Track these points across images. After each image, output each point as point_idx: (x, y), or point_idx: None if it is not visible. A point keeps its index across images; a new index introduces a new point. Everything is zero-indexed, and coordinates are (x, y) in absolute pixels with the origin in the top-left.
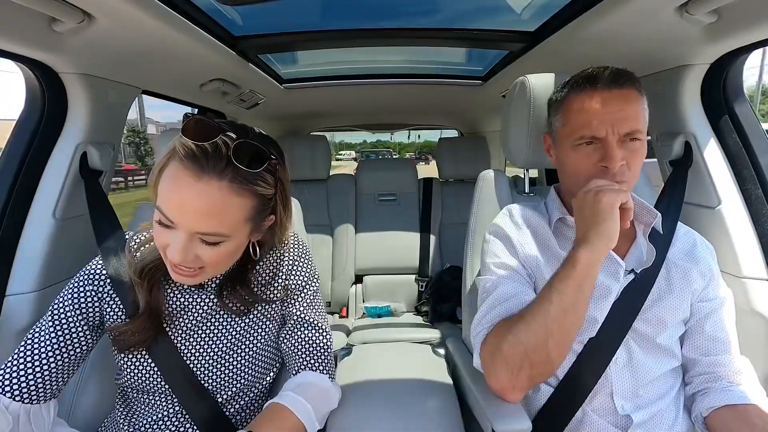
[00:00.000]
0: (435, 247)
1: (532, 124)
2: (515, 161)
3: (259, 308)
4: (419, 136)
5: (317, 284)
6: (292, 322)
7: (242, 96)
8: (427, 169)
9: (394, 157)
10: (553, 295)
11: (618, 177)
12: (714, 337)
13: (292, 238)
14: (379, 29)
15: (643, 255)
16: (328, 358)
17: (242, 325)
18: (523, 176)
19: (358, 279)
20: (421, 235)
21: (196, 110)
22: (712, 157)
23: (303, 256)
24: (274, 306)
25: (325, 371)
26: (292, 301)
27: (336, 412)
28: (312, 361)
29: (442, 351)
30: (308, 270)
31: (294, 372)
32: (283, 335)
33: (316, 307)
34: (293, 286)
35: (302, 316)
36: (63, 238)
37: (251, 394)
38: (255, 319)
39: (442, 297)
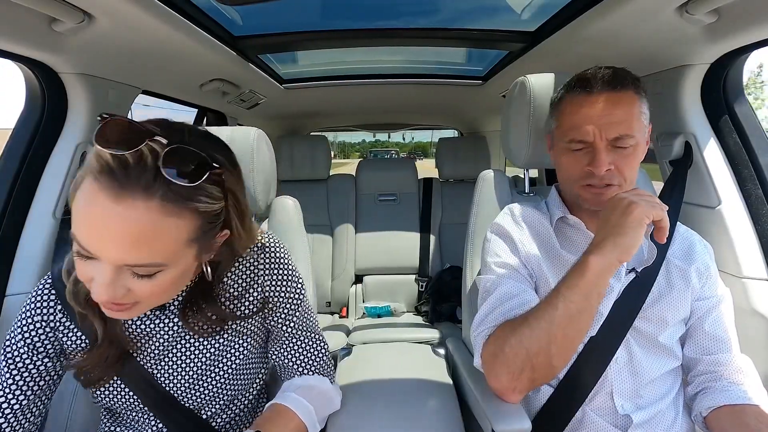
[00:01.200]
0: (435, 247)
1: (532, 124)
2: (515, 161)
3: (234, 325)
4: (413, 137)
5: (301, 285)
6: (281, 334)
7: (242, 96)
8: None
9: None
10: (559, 302)
11: (606, 180)
12: (714, 335)
13: (267, 238)
14: (379, 29)
15: (644, 254)
16: (325, 360)
17: (216, 345)
18: (523, 176)
19: (358, 279)
20: (421, 235)
21: (196, 110)
22: (712, 157)
23: (281, 259)
24: (252, 320)
25: (324, 374)
26: (276, 313)
27: (336, 412)
28: (309, 368)
29: (442, 351)
30: (288, 275)
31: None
32: (273, 348)
33: (304, 312)
34: (274, 297)
35: (290, 327)
36: (63, 237)
37: (240, 404)
38: (231, 336)
39: (442, 297)
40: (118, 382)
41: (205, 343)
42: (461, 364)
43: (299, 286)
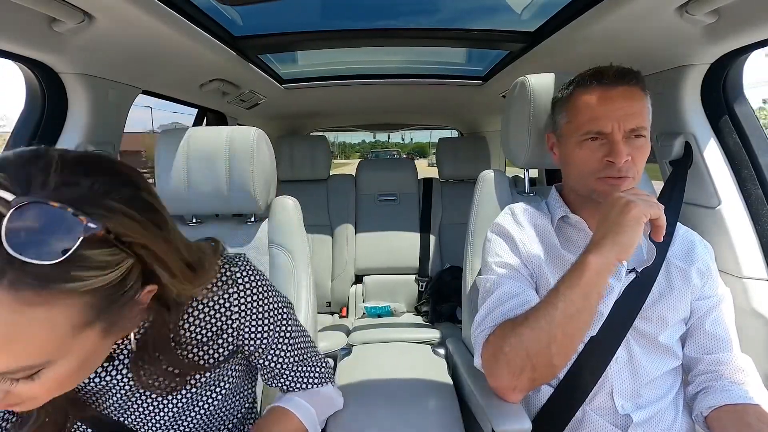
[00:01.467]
0: (435, 247)
1: (532, 124)
2: (515, 161)
3: (206, 373)
4: (412, 138)
5: (285, 312)
6: (272, 369)
7: (242, 96)
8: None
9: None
10: (559, 301)
11: (623, 172)
12: (714, 334)
13: (238, 268)
14: (379, 29)
15: (643, 254)
16: (323, 370)
17: (187, 394)
18: (523, 176)
19: (358, 279)
20: (421, 235)
21: (196, 110)
22: (712, 157)
23: (257, 294)
24: (227, 363)
25: (324, 383)
26: (262, 355)
27: (336, 412)
28: (308, 385)
29: (442, 351)
30: (268, 309)
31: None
32: (266, 377)
33: (293, 339)
34: (255, 340)
35: (282, 361)
36: None
37: (230, 423)
38: (205, 382)
39: (442, 297)
40: (84, 427)
41: (173, 392)
42: (461, 364)
43: (283, 314)
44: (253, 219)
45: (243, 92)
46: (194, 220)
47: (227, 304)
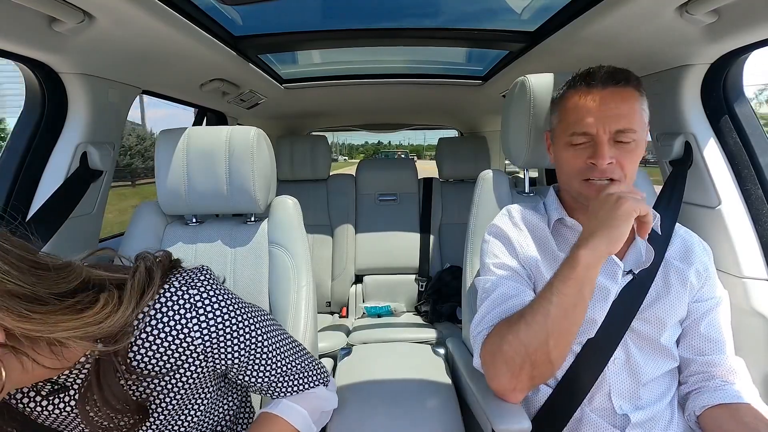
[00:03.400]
0: (435, 247)
1: (532, 124)
2: (515, 161)
3: (173, 401)
4: (410, 140)
5: (254, 321)
6: (255, 385)
7: (242, 96)
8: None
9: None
10: (553, 296)
11: (607, 173)
12: (709, 337)
13: (196, 288)
14: (380, 29)
15: (641, 256)
16: (312, 372)
17: (155, 422)
18: (522, 176)
19: (358, 279)
20: (421, 235)
21: (196, 110)
22: (712, 157)
23: (219, 310)
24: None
25: (315, 384)
26: (238, 371)
27: (336, 412)
28: (298, 389)
29: (441, 351)
30: (234, 323)
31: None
32: (250, 387)
33: (270, 349)
34: (224, 360)
35: (263, 375)
36: (63, 238)
37: (222, 422)
38: (172, 406)
39: (442, 297)
40: None
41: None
42: (461, 364)
43: (254, 326)
44: (252, 219)
45: (243, 92)
46: (194, 220)
47: (186, 330)
